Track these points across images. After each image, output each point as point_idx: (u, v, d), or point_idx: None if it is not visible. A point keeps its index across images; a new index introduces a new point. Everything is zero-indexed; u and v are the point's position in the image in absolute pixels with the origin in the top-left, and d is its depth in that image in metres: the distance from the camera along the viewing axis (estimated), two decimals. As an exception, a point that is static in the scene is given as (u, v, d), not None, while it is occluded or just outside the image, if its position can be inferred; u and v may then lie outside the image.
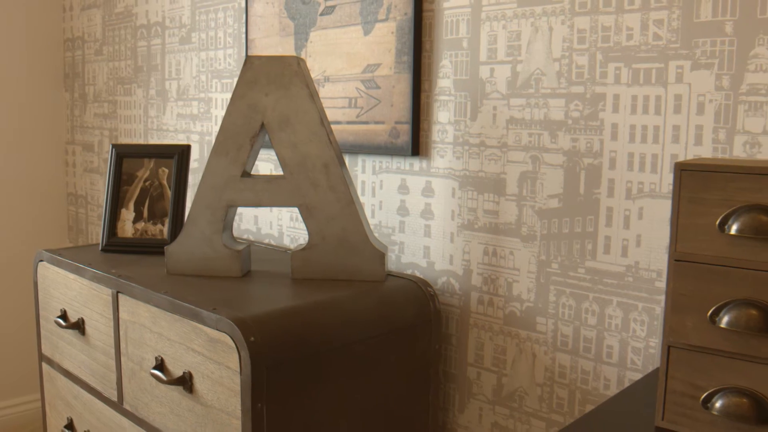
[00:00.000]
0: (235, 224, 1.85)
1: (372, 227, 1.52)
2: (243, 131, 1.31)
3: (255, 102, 1.30)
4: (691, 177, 0.83)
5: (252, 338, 1.07)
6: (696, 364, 0.85)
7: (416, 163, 1.42)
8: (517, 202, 1.27)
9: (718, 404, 0.83)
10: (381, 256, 1.30)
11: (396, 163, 1.46)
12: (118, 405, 1.38)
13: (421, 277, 1.42)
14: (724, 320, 0.81)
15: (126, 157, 1.58)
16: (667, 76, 1.09)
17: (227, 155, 1.32)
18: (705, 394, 0.84)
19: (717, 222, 0.81)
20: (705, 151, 1.06)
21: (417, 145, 1.40)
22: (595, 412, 0.91)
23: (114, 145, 1.58)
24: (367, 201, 1.52)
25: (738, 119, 1.03)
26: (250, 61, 1.29)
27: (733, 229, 0.79)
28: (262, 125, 1.30)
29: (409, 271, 1.46)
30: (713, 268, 0.82)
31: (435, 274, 1.42)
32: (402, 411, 1.30)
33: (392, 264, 1.49)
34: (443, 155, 1.37)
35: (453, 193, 1.37)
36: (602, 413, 0.91)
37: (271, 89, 1.29)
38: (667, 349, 0.87)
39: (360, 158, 1.52)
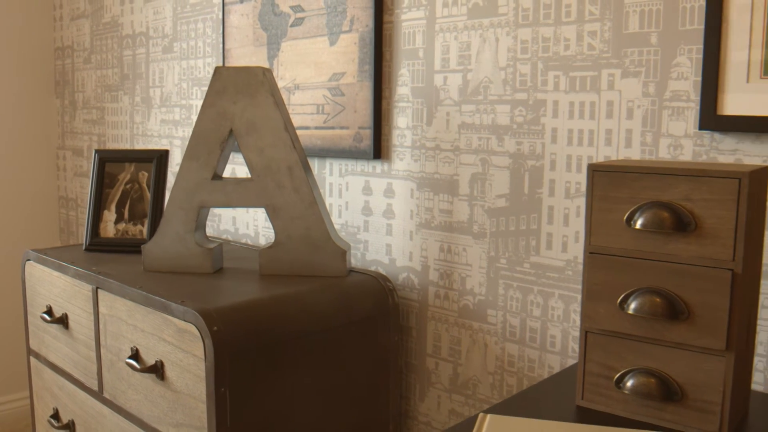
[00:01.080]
0: (214, 225, 1.94)
1: (339, 227, 1.61)
2: (213, 137, 1.39)
3: (224, 110, 1.38)
4: (602, 177, 0.91)
5: (215, 328, 1.15)
6: (609, 347, 0.94)
7: (378, 166, 1.51)
8: (469, 201, 1.36)
9: (629, 384, 0.92)
10: (342, 253, 1.38)
11: (360, 165, 1.55)
12: (98, 394, 1.47)
13: (383, 273, 1.51)
14: (632, 307, 0.90)
15: (108, 161, 1.67)
16: (600, 84, 1.18)
17: (198, 159, 1.41)
18: (618, 375, 0.93)
19: (624, 218, 0.90)
20: (634, 153, 1.15)
21: (379, 148, 1.49)
22: (526, 392, 0.99)
23: (97, 151, 1.67)
24: (334, 202, 1.61)
25: (663, 123, 1.12)
26: (218, 72, 1.38)
27: (638, 224, 0.88)
28: (231, 131, 1.39)
29: (373, 268, 1.55)
30: (622, 260, 0.91)
31: (396, 271, 1.50)
32: (364, 399, 1.38)
33: (357, 261, 1.58)
34: (402, 158, 1.46)
35: (411, 193, 1.45)
36: (532, 393, 1.00)
37: (239, 98, 1.38)
38: (585, 334, 0.95)
39: (328, 161, 1.61)
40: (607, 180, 0.91)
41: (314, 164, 1.65)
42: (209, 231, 1.96)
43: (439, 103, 1.39)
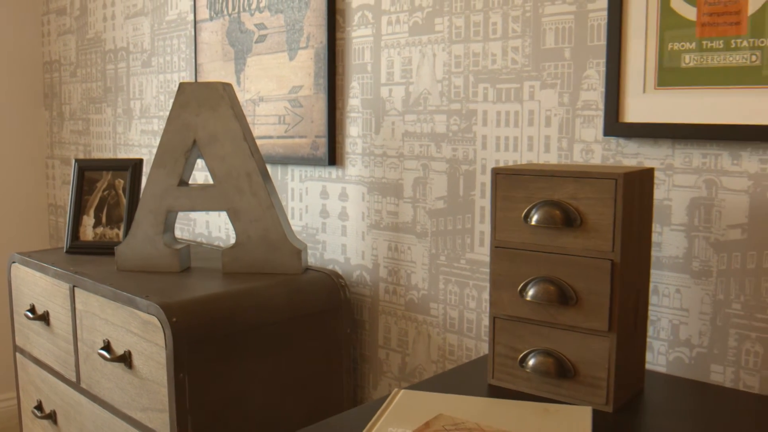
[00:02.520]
0: (190, 229, 2.06)
1: (300, 228, 1.73)
2: (178, 147, 1.52)
3: (187, 122, 1.51)
4: (503, 179, 1.03)
5: (174, 319, 1.27)
6: (513, 331, 1.05)
7: (333, 172, 1.63)
8: (412, 203, 1.48)
9: (530, 363, 1.03)
10: (297, 252, 1.50)
11: (317, 172, 1.67)
12: (76, 384, 1.59)
13: (337, 270, 1.63)
14: (530, 294, 1.01)
15: (87, 170, 1.79)
16: (522, 95, 1.30)
17: (165, 167, 1.53)
18: (521, 356, 1.05)
19: (522, 215, 1.02)
20: (552, 158, 1.27)
21: (333, 156, 1.61)
22: (448, 373, 1.11)
23: (76, 160, 1.80)
24: (296, 205, 1.73)
25: (576, 130, 1.24)
26: (182, 87, 1.50)
27: (533, 220, 1.00)
28: (195, 141, 1.51)
29: (330, 267, 1.67)
30: (521, 252, 1.03)
31: (351, 268, 1.62)
32: (318, 387, 1.50)
33: (316, 260, 1.70)
34: (354, 164, 1.58)
35: (363, 197, 1.57)
36: (453, 374, 1.11)
37: (201, 111, 1.50)
38: (493, 320, 1.07)
39: (289, 168, 1.73)
40: (507, 182, 1.03)
41: (277, 171, 1.77)
42: (185, 234, 2.09)
43: (385, 113, 1.51)
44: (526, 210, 1.01)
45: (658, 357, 1.18)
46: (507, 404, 0.96)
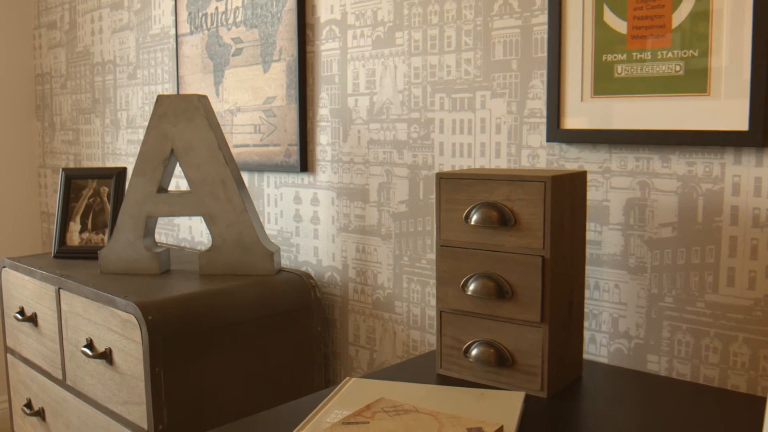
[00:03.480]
0: (174, 234, 2.15)
1: (276, 232, 1.81)
2: (157, 156, 1.60)
3: (165, 132, 1.59)
4: (447, 183, 1.12)
5: (150, 317, 1.36)
6: (458, 323, 1.14)
7: (305, 178, 1.71)
8: (378, 207, 1.56)
9: (473, 353, 1.12)
10: (270, 254, 1.59)
11: (291, 178, 1.75)
12: (62, 382, 1.68)
13: (309, 272, 1.72)
14: (470, 289, 1.10)
15: (73, 178, 1.88)
16: (475, 104, 1.38)
17: (145, 175, 1.61)
18: (465, 346, 1.13)
19: (463, 216, 1.10)
20: (502, 162, 1.35)
21: (305, 163, 1.69)
22: (403, 364, 1.19)
23: (63, 169, 1.89)
24: (271, 210, 1.82)
25: (523, 137, 1.32)
26: (160, 99, 1.59)
27: (473, 221, 1.08)
28: (172, 150, 1.60)
29: (303, 268, 1.75)
30: (463, 251, 1.11)
31: (323, 270, 1.70)
32: (290, 382, 1.58)
33: (291, 262, 1.78)
34: (324, 171, 1.67)
35: (332, 201, 1.66)
36: (407, 365, 1.19)
37: (178, 121, 1.59)
38: (440, 313, 1.16)
39: (265, 175, 1.82)
40: (450, 186, 1.11)
41: (254, 177, 1.86)
42: (170, 239, 2.17)
43: (352, 122, 1.60)
44: (466, 211, 1.09)
45: (600, 348, 1.26)
46: (446, 390, 1.04)
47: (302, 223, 1.74)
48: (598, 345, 1.26)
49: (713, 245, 1.12)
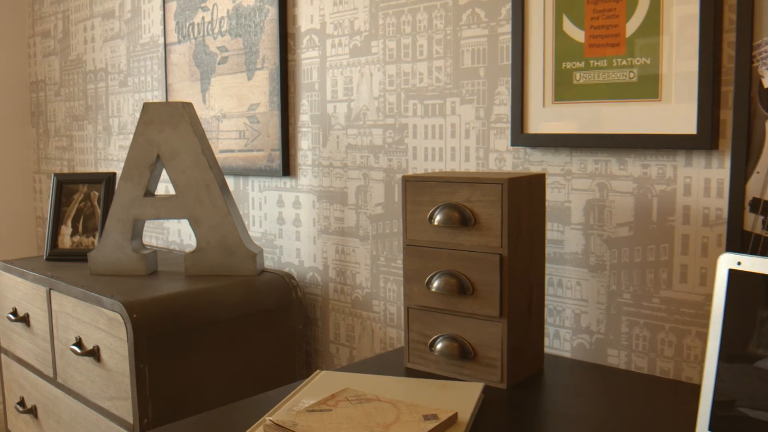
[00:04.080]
0: (163, 237, 2.21)
1: (260, 234, 1.87)
2: (143, 161, 1.66)
3: (151, 138, 1.65)
4: (412, 185, 1.17)
5: (135, 315, 1.42)
6: (423, 319, 1.19)
7: (288, 182, 1.78)
8: (356, 210, 1.62)
9: (438, 347, 1.17)
10: (253, 255, 1.65)
11: (274, 182, 1.81)
12: (53, 380, 1.73)
13: (291, 272, 1.77)
14: (434, 286, 1.15)
15: (65, 183, 1.94)
16: (445, 110, 1.44)
17: (132, 180, 1.67)
18: (430, 341, 1.19)
19: (427, 217, 1.16)
20: (471, 166, 1.41)
21: (287, 167, 1.75)
22: (374, 358, 1.25)
23: (55, 174, 1.95)
24: (256, 213, 1.88)
25: (490, 141, 1.38)
26: (146, 107, 1.65)
27: (436, 221, 1.14)
28: (158, 156, 1.66)
29: (287, 269, 1.81)
30: (427, 250, 1.17)
31: (304, 270, 1.76)
32: (272, 378, 1.64)
33: (275, 263, 1.84)
34: (305, 175, 1.73)
35: (313, 204, 1.72)
36: (379, 359, 1.25)
37: (164, 128, 1.65)
38: (407, 310, 1.21)
39: (250, 179, 1.88)
40: (415, 188, 1.17)
41: (239, 181, 1.92)
42: (160, 242, 2.23)
43: (331, 128, 1.66)
44: (430, 212, 1.15)
45: (564, 343, 1.32)
46: (409, 381, 1.10)
47: (285, 226, 1.80)
48: (562, 340, 1.32)
49: (667, 243, 1.18)
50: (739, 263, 0.86)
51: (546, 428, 0.96)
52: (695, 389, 1.08)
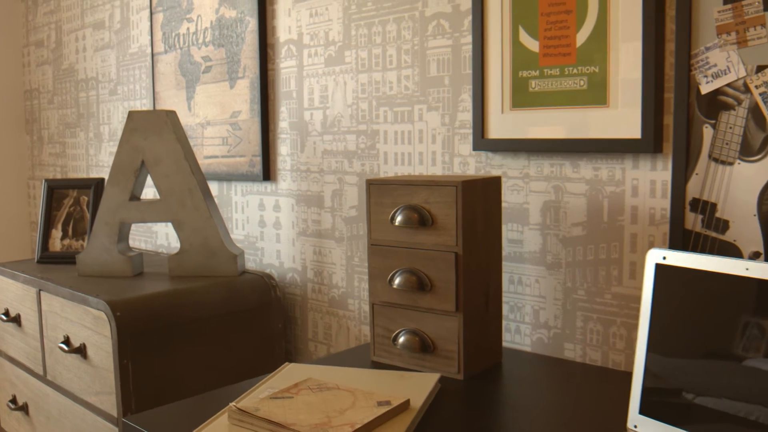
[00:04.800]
0: (152, 240, 2.28)
1: (243, 237, 1.94)
2: (129, 167, 1.74)
3: (136, 145, 1.73)
4: (375, 188, 1.25)
5: (118, 313, 1.49)
6: (387, 314, 1.26)
7: (268, 186, 1.85)
8: (332, 213, 1.70)
9: (400, 341, 1.24)
10: (234, 257, 1.72)
11: (255, 186, 1.88)
12: (43, 377, 1.80)
13: (271, 273, 1.85)
14: (396, 283, 1.22)
15: (55, 188, 2.01)
16: (413, 117, 1.51)
17: (118, 185, 1.75)
18: (393, 335, 1.26)
19: (389, 217, 1.23)
20: (438, 170, 1.48)
21: (268, 172, 1.83)
22: (342, 353, 1.32)
23: (46, 180, 2.02)
24: (239, 217, 1.95)
25: (455, 146, 1.45)
26: (131, 115, 1.72)
27: (397, 222, 1.21)
28: (143, 162, 1.73)
29: (268, 270, 1.88)
30: (389, 249, 1.24)
31: (284, 271, 1.83)
32: (252, 375, 1.71)
33: (257, 264, 1.91)
34: (285, 179, 1.80)
35: (292, 208, 1.79)
36: (346, 354, 1.32)
37: (148, 135, 1.72)
38: (372, 306, 1.28)
39: (233, 184, 1.95)
40: (378, 191, 1.24)
41: (223, 186, 1.99)
42: (148, 246, 2.30)
43: (308, 134, 1.73)
44: (391, 213, 1.22)
45: (524, 338, 1.39)
46: (371, 372, 1.17)
47: (266, 228, 1.87)
48: (522, 335, 1.39)
49: (617, 242, 1.25)
50: (664, 258, 0.93)
51: (498, 416, 1.03)
52: (639, 378, 1.15)
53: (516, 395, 1.10)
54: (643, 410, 0.93)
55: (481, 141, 1.38)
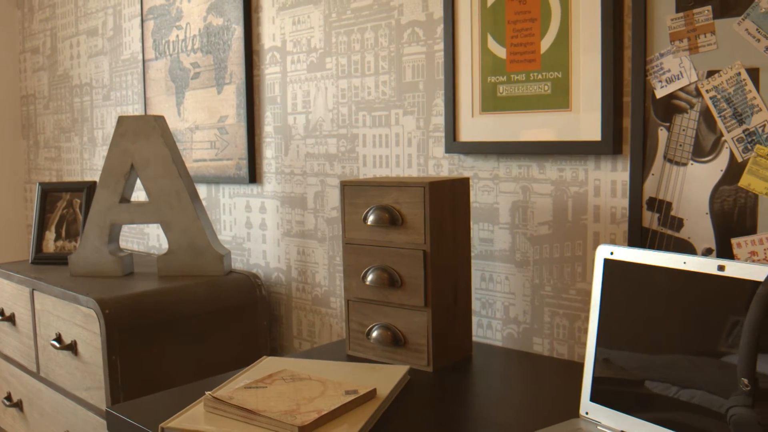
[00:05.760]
0: (144, 242, 2.34)
1: (230, 238, 2.00)
2: (118, 170, 1.80)
3: (126, 149, 1.79)
4: (349, 189, 1.30)
5: (107, 311, 1.55)
6: (361, 310, 1.32)
7: (254, 189, 1.91)
8: (314, 214, 1.75)
9: (373, 335, 1.30)
10: (220, 257, 1.77)
11: (242, 189, 1.94)
12: (36, 374, 1.86)
13: (257, 272, 1.90)
14: (368, 279, 1.28)
15: (49, 192, 2.08)
16: (391, 121, 1.57)
17: (109, 187, 1.81)
18: (367, 329, 1.31)
19: (362, 217, 1.29)
20: (413, 172, 1.54)
21: (254, 175, 1.89)
22: (319, 348, 1.37)
23: (40, 183, 2.08)
24: (227, 218, 2.01)
25: (429, 149, 1.51)
26: (121, 120, 1.78)
27: (370, 221, 1.27)
28: (132, 165, 1.79)
29: (254, 270, 1.94)
30: (363, 247, 1.29)
31: (270, 271, 1.89)
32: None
33: (244, 265, 1.97)
34: (270, 182, 1.86)
35: (277, 209, 1.85)
36: (322, 349, 1.38)
37: (137, 139, 1.78)
38: (347, 302, 1.34)
39: (221, 186, 2.01)
40: (351, 192, 1.30)
41: (211, 189, 2.05)
42: (141, 247, 2.36)
43: (291, 138, 1.79)
44: (364, 213, 1.28)
45: (495, 333, 1.45)
46: (344, 364, 1.22)
47: (252, 230, 1.93)
48: (494, 330, 1.45)
49: (581, 240, 1.31)
50: (612, 253, 0.99)
51: (463, 405, 1.08)
52: (599, 370, 1.20)
53: (482, 386, 1.16)
54: (594, 398, 0.99)
55: (453, 144, 1.44)
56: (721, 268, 0.86)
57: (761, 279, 0.81)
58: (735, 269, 0.85)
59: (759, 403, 0.76)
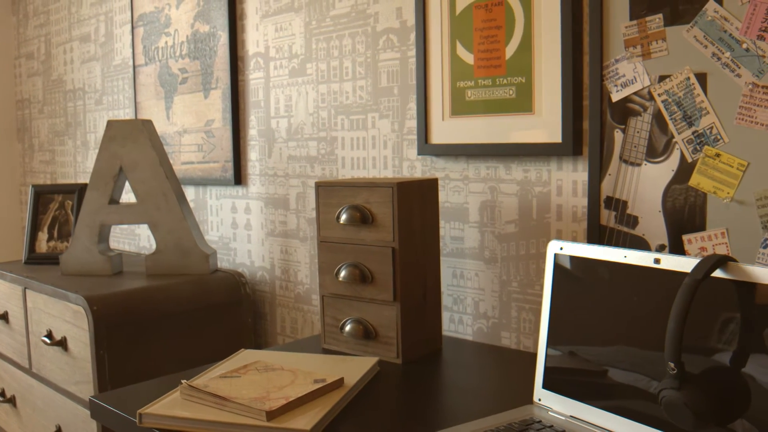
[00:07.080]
0: (135, 242, 2.40)
1: (217, 238, 2.07)
2: (107, 172, 1.86)
3: (114, 152, 1.85)
4: (323, 190, 1.37)
5: (95, 308, 1.61)
6: (334, 305, 1.38)
7: (240, 190, 1.97)
8: (297, 214, 1.82)
9: (347, 329, 1.36)
10: (206, 256, 1.84)
11: (228, 190, 2.01)
12: (29, 370, 1.93)
13: (242, 271, 1.97)
14: (341, 276, 1.34)
15: (41, 194, 2.14)
16: (367, 124, 1.63)
17: (98, 189, 1.87)
18: (341, 323, 1.37)
19: (335, 216, 1.35)
20: (389, 173, 1.60)
21: (239, 176, 1.95)
22: (297, 342, 1.43)
23: (33, 185, 2.15)
24: (214, 219, 2.07)
25: (404, 151, 1.57)
26: (110, 124, 1.85)
27: (342, 220, 1.33)
28: (121, 168, 1.85)
29: (240, 269, 2.00)
30: (336, 245, 1.36)
31: (255, 270, 1.96)
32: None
33: (230, 264, 2.03)
34: (254, 183, 1.92)
35: (261, 210, 1.91)
36: (299, 342, 1.44)
37: (125, 142, 1.84)
38: (322, 297, 1.40)
39: (208, 188, 2.08)
40: (325, 192, 1.36)
41: (198, 191, 2.11)
42: (132, 247, 2.43)
43: (274, 141, 1.85)
44: (337, 212, 1.34)
45: (466, 328, 1.51)
46: (316, 356, 1.29)
47: (238, 230, 2.00)
48: (465, 325, 1.51)
49: (545, 238, 1.37)
50: (561, 248, 1.05)
51: (428, 394, 1.14)
52: (559, 360, 1.26)
53: (447, 377, 1.22)
54: (546, 385, 1.05)
55: (425, 146, 1.50)
56: (657, 261, 0.92)
57: (690, 271, 0.87)
58: (670, 262, 0.91)
59: (685, 385, 0.82)
